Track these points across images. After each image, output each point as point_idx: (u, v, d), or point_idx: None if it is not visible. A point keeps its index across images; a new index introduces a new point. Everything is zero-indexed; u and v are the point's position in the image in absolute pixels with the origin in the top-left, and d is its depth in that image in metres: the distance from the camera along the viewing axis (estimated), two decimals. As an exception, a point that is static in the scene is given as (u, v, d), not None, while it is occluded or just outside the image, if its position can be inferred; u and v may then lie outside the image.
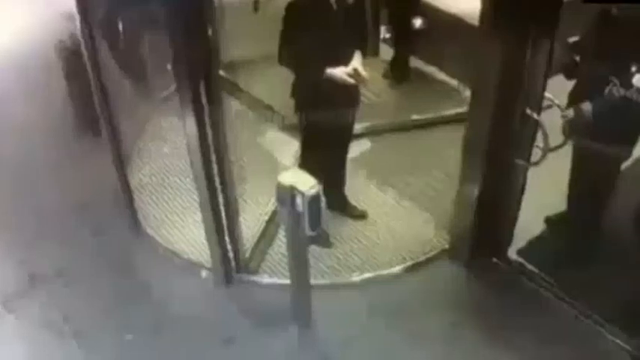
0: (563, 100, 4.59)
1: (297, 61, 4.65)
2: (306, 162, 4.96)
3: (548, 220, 5.40)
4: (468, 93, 4.90)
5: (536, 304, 4.91)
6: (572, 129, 4.62)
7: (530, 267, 5.12)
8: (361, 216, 5.56)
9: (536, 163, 4.62)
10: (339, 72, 4.61)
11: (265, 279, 5.16)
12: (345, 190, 5.52)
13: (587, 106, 4.54)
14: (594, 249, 5.11)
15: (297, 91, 4.88)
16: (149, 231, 5.56)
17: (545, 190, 5.23)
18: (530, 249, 5.24)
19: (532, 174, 4.78)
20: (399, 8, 6.90)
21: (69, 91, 6.33)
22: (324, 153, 4.96)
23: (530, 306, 4.89)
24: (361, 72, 4.66)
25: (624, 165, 4.89)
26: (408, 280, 5.15)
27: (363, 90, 5.12)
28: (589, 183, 4.90)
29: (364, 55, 4.87)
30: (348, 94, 4.84)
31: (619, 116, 4.47)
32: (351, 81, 4.63)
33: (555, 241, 5.28)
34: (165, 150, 6.27)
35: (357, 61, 4.71)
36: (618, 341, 4.63)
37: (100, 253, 5.40)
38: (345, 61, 4.66)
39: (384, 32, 7.48)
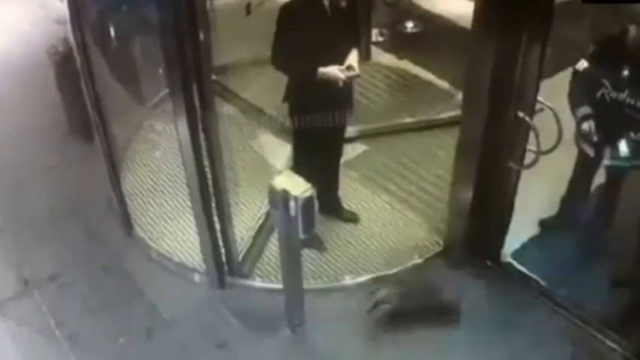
0: (556, 103, 4.59)
1: (291, 64, 4.65)
2: (299, 165, 4.95)
3: (542, 223, 5.40)
4: (460, 96, 4.91)
5: (530, 307, 4.91)
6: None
7: (523, 270, 5.12)
8: (354, 219, 5.55)
9: (529, 166, 4.62)
10: (332, 70, 4.60)
11: (258, 282, 5.16)
12: (339, 194, 5.53)
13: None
14: (588, 251, 5.13)
15: (290, 95, 4.88)
16: (142, 235, 5.54)
17: (538, 193, 5.24)
18: (524, 252, 5.23)
19: (525, 177, 4.78)
20: None
21: (61, 95, 6.32)
22: (317, 156, 4.96)
23: (524, 309, 4.89)
24: (356, 69, 4.67)
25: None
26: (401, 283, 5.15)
27: (356, 94, 5.12)
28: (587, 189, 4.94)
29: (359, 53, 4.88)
30: (341, 97, 4.84)
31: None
32: (343, 77, 4.62)
33: (549, 244, 5.28)
34: (158, 154, 6.27)
35: (353, 58, 4.72)
36: (611, 343, 4.63)
37: (93, 257, 5.39)
38: (339, 63, 4.66)
39: (375, 35, 7.50)
